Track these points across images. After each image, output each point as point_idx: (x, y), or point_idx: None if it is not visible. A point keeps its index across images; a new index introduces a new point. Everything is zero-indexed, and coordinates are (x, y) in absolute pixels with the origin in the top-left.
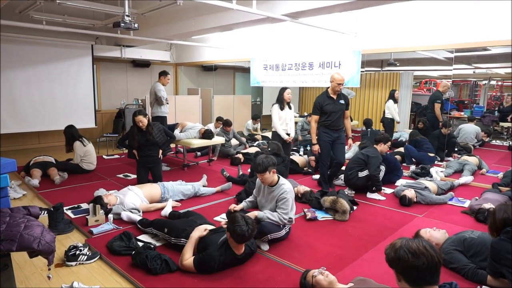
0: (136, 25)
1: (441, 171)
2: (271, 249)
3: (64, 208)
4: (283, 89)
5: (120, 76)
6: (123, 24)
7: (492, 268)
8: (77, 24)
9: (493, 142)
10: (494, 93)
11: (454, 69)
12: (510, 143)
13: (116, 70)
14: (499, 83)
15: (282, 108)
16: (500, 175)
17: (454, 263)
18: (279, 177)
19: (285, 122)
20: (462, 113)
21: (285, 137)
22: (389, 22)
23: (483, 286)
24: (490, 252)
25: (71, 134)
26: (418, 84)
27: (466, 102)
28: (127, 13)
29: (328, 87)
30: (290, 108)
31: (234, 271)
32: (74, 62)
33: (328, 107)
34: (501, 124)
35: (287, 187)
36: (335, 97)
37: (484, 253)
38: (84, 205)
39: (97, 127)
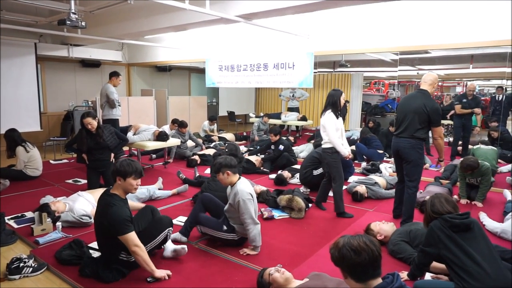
0: (83, 23)
1: (390, 167)
2: (229, 250)
3: (6, 217)
4: (338, 92)
5: (68, 77)
6: (69, 22)
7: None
8: (17, 21)
9: None
10: (436, 93)
11: (399, 70)
12: (450, 140)
13: (63, 70)
14: (439, 83)
15: (337, 116)
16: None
17: (401, 253)
18: (239, 178)
19: (342, 135)
20: None
21: (346, 153)
22: (340, 25)
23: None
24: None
25: (13, 139)
26: (368, 84)
27: None
28: (73, 10)
29: (425, 91)
30: (340, 115)
31: (192, 273)
32: (15, 62)
33: None
34: (442, 121)
35: (239, 188)
36: None
37: None
38: (29, 214)
39: (43, 130)
